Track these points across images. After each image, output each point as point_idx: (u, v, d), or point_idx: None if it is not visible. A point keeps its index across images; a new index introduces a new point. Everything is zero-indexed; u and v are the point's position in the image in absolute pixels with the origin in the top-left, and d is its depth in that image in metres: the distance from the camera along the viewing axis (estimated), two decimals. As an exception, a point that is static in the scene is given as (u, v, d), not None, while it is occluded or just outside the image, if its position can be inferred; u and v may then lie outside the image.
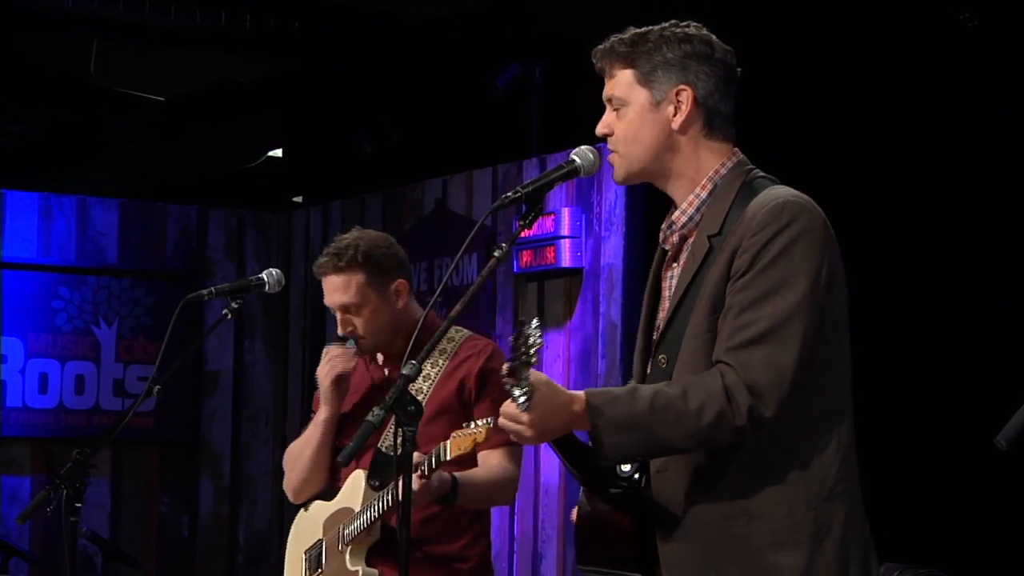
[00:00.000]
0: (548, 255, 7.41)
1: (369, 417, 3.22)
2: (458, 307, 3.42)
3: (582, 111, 7.55)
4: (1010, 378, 5.78)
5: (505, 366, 3.12)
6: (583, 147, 3.45)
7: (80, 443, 5.01)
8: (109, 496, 9.16)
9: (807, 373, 3.23)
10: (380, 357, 4.93)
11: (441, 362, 4.76)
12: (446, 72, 8.58)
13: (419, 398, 4.64)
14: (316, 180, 10.06)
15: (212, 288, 4.98)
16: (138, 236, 9.30)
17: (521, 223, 3.40)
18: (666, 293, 3.43)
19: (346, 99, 9.39)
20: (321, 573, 4.85)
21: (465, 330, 4.89)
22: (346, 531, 4.75)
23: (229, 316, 4.95)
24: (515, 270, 7.66)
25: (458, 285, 7.99)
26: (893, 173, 6.32)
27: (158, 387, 4.76)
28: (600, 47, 3.43)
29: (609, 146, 3.43)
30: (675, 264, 3.43)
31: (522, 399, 3.09)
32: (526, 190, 3.37)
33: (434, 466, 4.43)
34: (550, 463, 7.37)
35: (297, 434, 5.10)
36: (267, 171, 10.83)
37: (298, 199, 10.66)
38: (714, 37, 3.42)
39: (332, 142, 9.64)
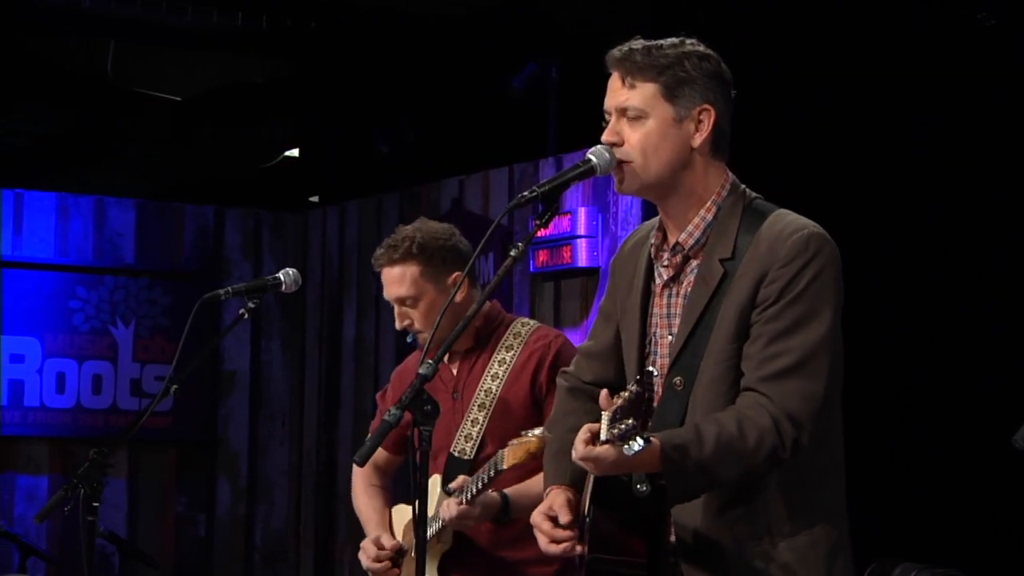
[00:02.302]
0: (564, 255, 7.41)
1: (386, 416, 3.22)
2: (475, 306, 3.43)
3: (598, 111, 7.55)
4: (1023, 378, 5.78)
5: (638, 421, 3.09)
6: (599, 146, 3.44)
7: (97, 443, 5.02)
8: (126, 496, 9.17)
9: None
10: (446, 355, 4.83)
11: (510, 357, 4.67)
12: (462, 72, 8.58)
13: (496, 383, 4.61)
14: (333, 180, 10.07)
15: (229, 288, 4.96)
16: (155, 236, 9.32)
17: (537, 223, 3.40)
18: (662, 311, 3.45)
19: (363, 99, 9.39)
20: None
21: (533, 321, 4.81)
22: (412, 537, 4.71)
23: (246, 316, 4.93)
24: (531, 269, 7.66)
25: (475, 285, 7.98)
26: (902, 173, 6.31)
27: (175, 387, 4.76)
28: (617, 55, 3.41)
29: (617, 155, 3.41)
30: (674, 284, 3.44)
31: (636, 448, 3.07)
32: (542, 189, 3.36)
33: (486, 483, 4.39)
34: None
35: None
36: (284, 171, 10.83)
37: (315, 199, 10.67)
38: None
39: (349, 142, 9.65)
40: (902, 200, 6.32)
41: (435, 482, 4.67)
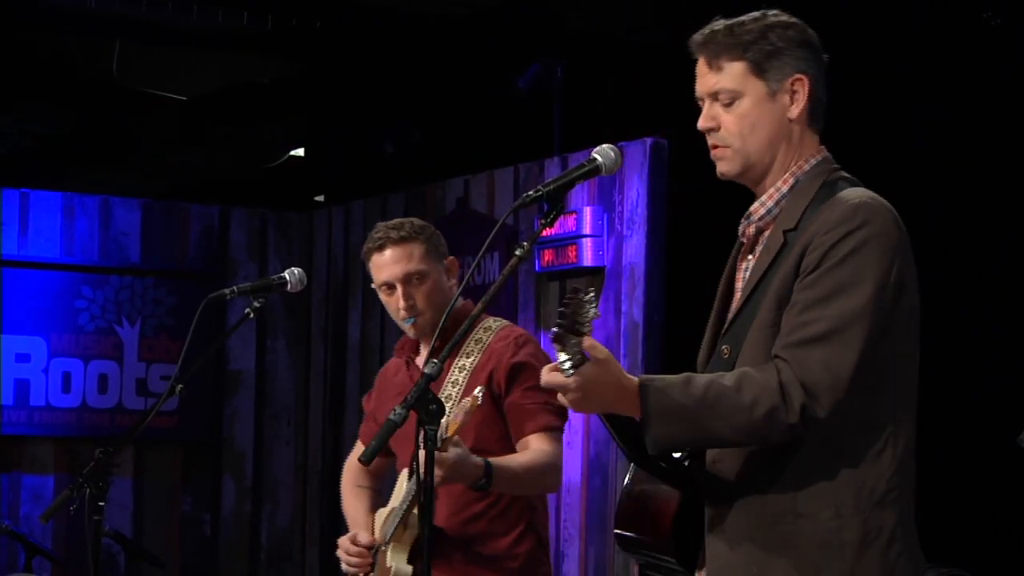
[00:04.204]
0: (570, 254, 7.41)
1: (391, 416, 3.22)
2: (480, 305, 3.43)
3: (603, 110, 7.56)
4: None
5: (552, 331, 3.01)
6: (604, 146, 3.43)
7: (103, 442, 5.04)
8: (132, 495, 9.18)
9: (867, 377, 3.17)
10: (419, 359, 4.87)
11: (476, 352, 4.70)
12: (468, 72, 8.59)
13: (455, 389, 4.63)
14: (338, 180, 10.08)
15: (234, 287, 4.98)
16: (160, 236, 9.33)
17: (542, 222, 3.39)
18: (739, 285, 3.39)
19: (368, 99, 9.40)
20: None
21: (502, 320, 4.83)
22: (386, 529, 4.73)
23: (251, 315, 4.94)
24: (537, 269, 7.67)
25: (480, 284, 7.99)
26: (905, 173, 6.31)
27: (181, 386, 4.77)
28: (699, 39, 3.34)
29: (714, 141, 3.35)
30: (750, 256, 3.38)
31: (567, 365, 3.00)
32: (548, 189, 3.35)
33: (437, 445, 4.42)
34: (572, 461, 7.37)
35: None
36: (289, 171, 10.84)
37: (320, 198, 10.68)
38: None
39: (354, 142, 9.66)
40: (904, 200, 6.30)
41: (403, 476, 4.72)
